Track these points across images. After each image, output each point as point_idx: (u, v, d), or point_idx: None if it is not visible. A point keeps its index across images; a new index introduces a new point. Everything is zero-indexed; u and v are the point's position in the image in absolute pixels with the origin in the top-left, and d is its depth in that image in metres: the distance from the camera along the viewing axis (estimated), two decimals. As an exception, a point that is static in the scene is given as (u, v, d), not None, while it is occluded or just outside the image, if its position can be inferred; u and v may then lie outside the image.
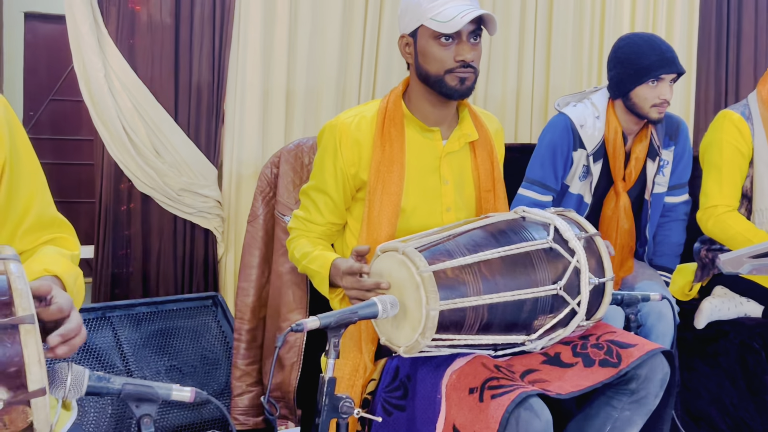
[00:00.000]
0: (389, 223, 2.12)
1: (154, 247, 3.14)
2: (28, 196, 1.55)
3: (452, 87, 2.07)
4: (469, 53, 2.05)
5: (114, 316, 2.79)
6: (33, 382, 1.14)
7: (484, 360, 1.92)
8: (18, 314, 1.15)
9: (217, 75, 3.08)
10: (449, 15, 2.02)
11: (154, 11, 2.97)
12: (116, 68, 2.90)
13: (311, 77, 3.22)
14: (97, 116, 2.91)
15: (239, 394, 2.64)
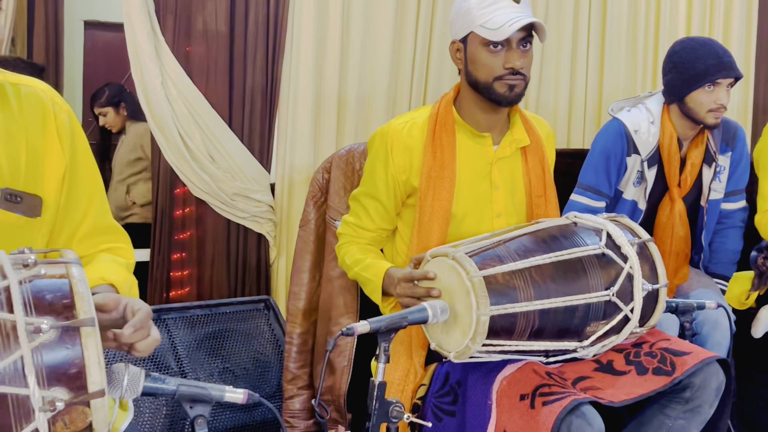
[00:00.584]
0: (440, 229, 2.12)
1: (208, 250, 3.17)
2: (86, 203, 1.59)
3: (501, 94, 2.07)
4: (518, 60, 2.04)
5: (169, 319, 2.82)
6: (93, 384, 1.16)
7: (535, 366, 1.91)
8: (79, 317, 1.17)
9: (270, 82, 3.11)
10: (498, 22, 2.01)
11: (209, 20, 3.00)
12: (172, 75, 2.94)
13: (363, 84, 3.23)
14: (154, 122, 2.96)
15: (290, 397, 2.66)
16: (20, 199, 1.47)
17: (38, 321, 1.14)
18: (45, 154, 1.52)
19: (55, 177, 1.53)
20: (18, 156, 1.48)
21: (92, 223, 1.60)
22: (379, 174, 2.17)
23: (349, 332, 1.67)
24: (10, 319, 1.14)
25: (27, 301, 1.16)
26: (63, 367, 1.15)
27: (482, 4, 2.05)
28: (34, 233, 1.51)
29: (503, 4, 2.04)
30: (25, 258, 1.22)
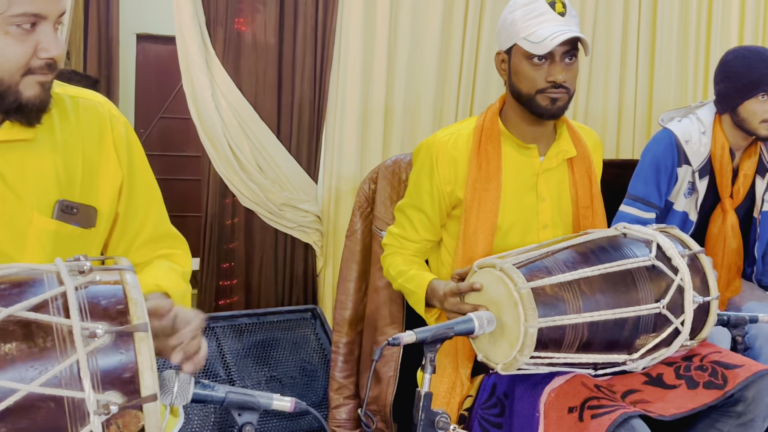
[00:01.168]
0: (485, 241, 2.11)
1: (256, 260, 3.20)
2: (145, 212, 1.62)
3: (543, 107, 2.06)
4: (561, 74, 2.02)
5: (218, 327, 2.85)
6: (145, 388, 1.18)
7: (583, 379, 1.88)
8: (133, 322, 1.19)
9: (318, 93, 3.13)
10: (541, 36, 2.00)
11: (258, 32, 3.04)
12: (222, 87, 2.98)
13: (409, 95, 3.24)
14: (204, 133, 3.00)
15: (336, 407, 2.66)
16: (76, 211, 1.50)
17: (93, 326, 1.17)
18: (101, 165, 1.55)
19: (110, 188, 1.56)
20: (75, 168, 1.51)
21: (151, 231, 1.62)
22: (423, 185, 2.17)
23: (395, 342, 1.67)
24: (66, 324, 1.17)
25: (83, 307, 1.19)
26: (117, 372, 1.17)
27: (526, 17, 2.05)
28: (89, 243, 1.54)
29: (547, 17, 2.03)
30: (80, 265, 1.24)
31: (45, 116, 1.49)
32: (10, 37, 1.36)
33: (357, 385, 2.71)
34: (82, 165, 1.52)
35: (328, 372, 2.76)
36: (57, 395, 1.15)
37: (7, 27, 1.35)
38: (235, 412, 1.37)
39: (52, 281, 1.22)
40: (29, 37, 1.37)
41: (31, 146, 1.48)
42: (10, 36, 1.35)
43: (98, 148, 1.55)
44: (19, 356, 1.14)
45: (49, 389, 1.14)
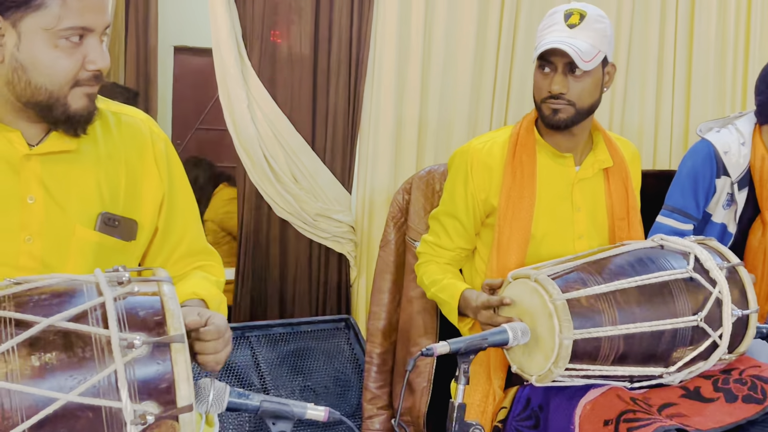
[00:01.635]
0: (519, 250, 2.10)
1: (291, 270, 3.21)
2: (183, 227, 1.64)
3: (546, 116, 2.08)
4: (558, 85, 2.02)
5: (252, 336, 2.86)
6: (181, 399, 1.19)
7: (619, 392, 1.86)
8: (170, 333, 1.20)
9: (352, 104, 3.14)
10: (539, 45, 2.04)
11: (294, 44, 3.06)
12: (258, 99, 3.00)
13: (443, 107, 3.23)
14: (240, 144, 3.01)
15: (370, 417, 2.66)
16: (118, 223, 1.52)
17: (131, 336, 1.18)
18: (143, 180, 1.57)
19: (151, 202, 1.58)
20: (118, 181, 1.54)
21: (187, 246, 1.65)
22: (458, 192, 2.17)
23: (429, 353, 1.66)
24: (105, 335, 1.18)
25: (121, 317, 1.20)
26: (154, 382, 1.18)
27: (543, 27, 2.09)
28: (129, 256, 1.57)
29: (556, 28, 2.04)
30: (119, 276, 1.26)
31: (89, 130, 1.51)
32: (59, 50, 1.39)
33: (390, 396, 2.70)
34: (125, 179, 1.55)
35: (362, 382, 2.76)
36: (95, 405, 1.16)
37: (56, 41, 1.38)
38: (269, 420, 1.37)
39: (92, 292, 1.24)
40: (77, 50, 1.40)
41: (74, 159, 1.50)
42: (59, 49, 1.39)
43: (140, 163, 1.57)
44: (59, 366, 1.16)
45: (87, 399, 1.15)
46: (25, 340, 1.16)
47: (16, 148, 1.45)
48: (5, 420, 1.13)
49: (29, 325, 1.17)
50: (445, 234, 2.20)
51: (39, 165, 1.47)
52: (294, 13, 3.04)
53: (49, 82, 1.40)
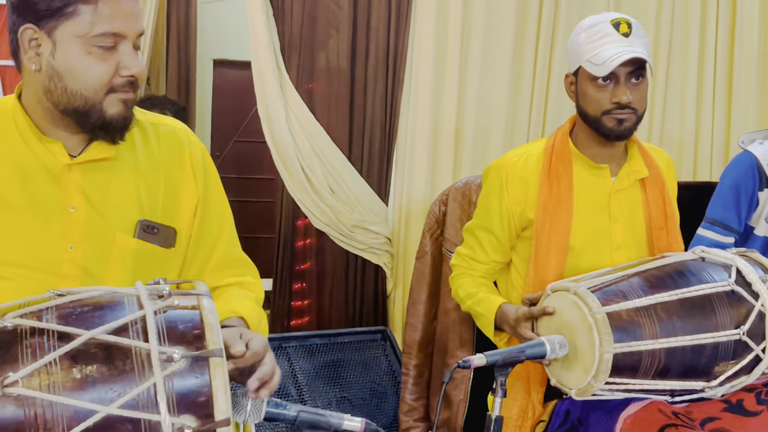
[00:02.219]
0: (557, 263, 2.07)
1: (327, 281, 3.21)
2: (217, 236, 1.64)
3: (609, 128, 2.03)
4: (625, 95, 1.99)
5: (289, 347, 2.87)
6: (219, 413, 1.18)
7: (660, 406, 1.83)
8: (209, 347, 1.20)
9: (389, 115, 3.14)
10: (603, 57, 1.98)
11: (331, 57, 3.07)
12: (296, 111, 3.02)
13: (480, 117, 3.22)
14: (278, 156, 3.03)
15: (406, 429, 2.65)
16: (157, 231, 1.53)
17: (170, 350, 1.18)
18: (181, 188, 1.58)
19: (188, 209, 1.59)
20: (156, 190, 1.55)
21: (222, 255, 1.65)
22: (493, 206, 2.15)
23: (466, 365, 1.65)
24: (145, 348, 1.18)
25: (161, 331, 1.20)
26: (192, 396, 1.18)
27: (590, 39, 2.03)
28: (168, 263, 1.57)
29: (610, 39, 2.00)
30: (160, 289, 1.26)
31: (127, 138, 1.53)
32: (92, 56, 1.41)
33: (427, 408, 2.69)
34: (164, 187, 1.56)
35: (398, 394, 2.75)
36: (134, 417, 1.16)
37: (89, 48, 1.41)
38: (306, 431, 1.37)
39: (133, 305, 1.24)
40: (111, 57, 1.42)
41: (114, 168, 1.52)
42: (92, 56, 1.41)
43: (178, 172, 1.59)
44: (100, 378, 1.16)
45: (127, 411, 1.16)
46: (67, 352, 1.16)
47: (57, 159, 1.48)
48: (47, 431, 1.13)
49: (71, 337, 1.18)
50: (479, 247, 2.19)
51: (80, 174, 1.49)
52: (332, 26, 3.06)
53: (84, 88, 1.43)
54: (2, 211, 1.45)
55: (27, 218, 1.45)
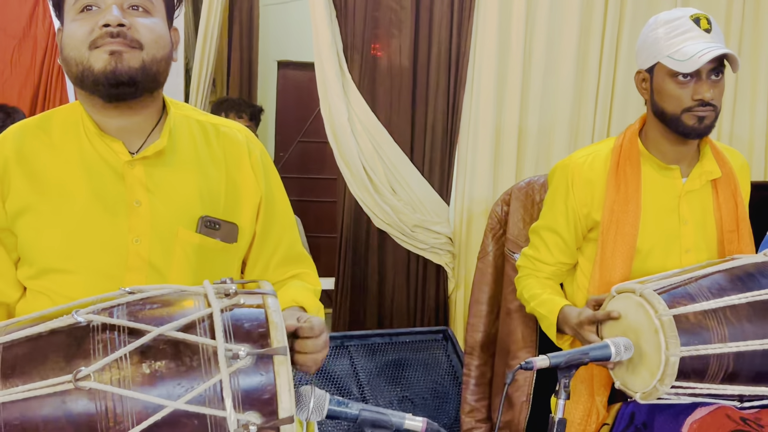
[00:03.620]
0: (624, 265, 2.04)
1: (389, 280, 3.23)
2: (279, 233, 1.67)
3: (690, 126, 1.98)
4: (708, 92, 1.94)
5: (351, 345, 2.88)
6: (283, 410, 1.20)
7: (728, 411, 1.79)
8: (273, 345, 1.21)
9: (451, 115, 3.14)
10: (688, 53, 1.93)
11: (393, 57, 3.08)
12: (358, 111, 3.03)
13: (544, 115, 3.19)
14: (340, 156, 3.05)
15: (468, 430, 2.64)
16: (218, 226, 1.57)
17: (236, 348, 1.20)
18: (242, 186, 1.62)
19: (250, 207, 1.62)
20: (218, 187, 1.58)
21: (285, 251, 1.68)
22: (559, 208, 2.13)
23: (528, 366, 1.64)
24: (211, 345, 1.20)
25: (227, 329, 1.22)
26: (257, 393, 1.19)
27: (671, 34, 1.98)
28: (230, 258, 1.61)
29: (693, 34, 1.95)
30: (226, 288, 1.28)
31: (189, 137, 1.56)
32: (77, 22, 1.47)
33: (489, 409, 2.67)
34: (225, 185, 1.59)
35: (460, 394, 2.74)
36: (201, 413, 1.18)
37: (74, 16, 1.48)
38: (368, 430, 1.37)
39: (200, 303, 1.27)
40: (91, 18, 1.47)
41: (175, 165, 1.56)
42: (76, 22, 1.48)
43: (239, 170, 1.62)
44: (168, 374, 1.19)
45: (193, 407, 1.18)
46: (137, 348, 1.19)
47: (119, 156, 1.52)
48: (117, 424, 1.16)
49: (141, 333, 1.20)
50: (545, 248, 2.17)
51: (142, 171, 1.53)
52: (394, 26, 3.06)
53: (73, 50, 1.48)
54: (71, 208, 1.50)
55: (95, 213, 1.50)
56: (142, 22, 1.48)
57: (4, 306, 1.56)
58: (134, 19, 1.48)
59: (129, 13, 1.48)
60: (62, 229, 1.49)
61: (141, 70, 1.48)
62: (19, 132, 1.57)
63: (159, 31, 1.51)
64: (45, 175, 1.52)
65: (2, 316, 1.55)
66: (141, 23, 1.48)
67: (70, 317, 1.22)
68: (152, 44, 1.49)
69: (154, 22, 1.51)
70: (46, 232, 1.50)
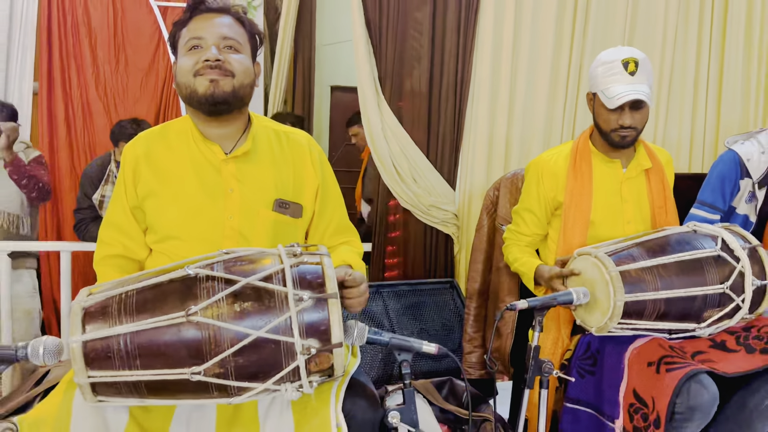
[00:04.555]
0: (581, 233, 2.03)
1: (411, 245, 3.22)
2: (332, 210, 1.67)
3: (616, 142, 1.99)
4: (628, 120, 1.93)
5: (384, 292, 2.89)
6: (335, 337, 1.21)
7: (660, 341, 1.77)
8: (328, 291, 1.22)
9: (456, 125, 3.11)
10: (612, 93, 1.92)
11: (414, 82, 3.05)
12: (389, 123, 3.01)
13: (525, 127, 3.14)
14: (376, 155, 3.04)
15: (468, 353, 2.64)
16: (288, 206, 1.57)
17: (301, 293, 1.21)
18: (305, 176, 1.62)
19: (311, 191, 1.62)
20: (288, 177, 1.59)
21: (337, 224, 1.68)
22: (533, 193, 2.12)
23: (512, 308, 1.64)
24: (283, 291, 1.22)
25: (295, 279, 1.23)
26: (316, 325, 1.21)
27: (605, 74, 1.96)
28: (297, 229, 1.61)
29: (619, 78, 1.92)
30: (294, 250, 1.29)
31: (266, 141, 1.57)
32: (187, 55, 1.48)
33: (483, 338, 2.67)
34: (293, 176, 1.59)
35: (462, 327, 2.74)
36: (276, 339, 1.19)
37: (186, 51, 1.48)
38: (396, 352, 1.38)
39: (275, 260, 1.28)
40: (197, 54, 1.47)
41: (257, 162, 1.56)
42: (187, 55, 1.48)
43: (302, 165, 1.62)
44: (253, 311, 1.20)
45: (271, 335, 1.19)
46: (231, 292, 1.21)
47: (217, 156, 1.53)
48: (217, 347, 1.18)
49: (233, 282, 1.22)
50: (524, 224, 2.16)
51: (234, 166, 1.53)
52: (415, 60, 3.04)
53: (182, 77, 1.48)
54: (184, 193, 1.51)
55: (201, 197, 1.51)
56: (234, 57, 1.48)
57: (137, 262, 1.59)
58: (228, 55, 1.48)
59: (224, 51, 1.48)
60: (177, 208, 1.51)
61: (232, 94, 1.48)
62: (146, 137, 1.58)
63: (246, 64, 1.51)
64: (164, 169, 1.53)
65: (136, 269, 1.58)
66: (233, 58, 1.48)
67: (183, 271, 1.24)
68: (241, 74, 1.49)
69: (242, 57, 1.51)
70: (166, 210, 1.51)
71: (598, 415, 1.83)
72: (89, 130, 3.95)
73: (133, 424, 1.26)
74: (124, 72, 4.00)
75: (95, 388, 1.18)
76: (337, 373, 1.25)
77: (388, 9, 2.98)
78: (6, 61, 3.55)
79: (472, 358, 2.61)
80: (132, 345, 1.17)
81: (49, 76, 3.87)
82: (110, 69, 3.99)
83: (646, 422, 1.68)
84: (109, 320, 1.18)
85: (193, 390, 1.19)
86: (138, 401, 1.21)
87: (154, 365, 1.17)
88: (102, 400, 1.20)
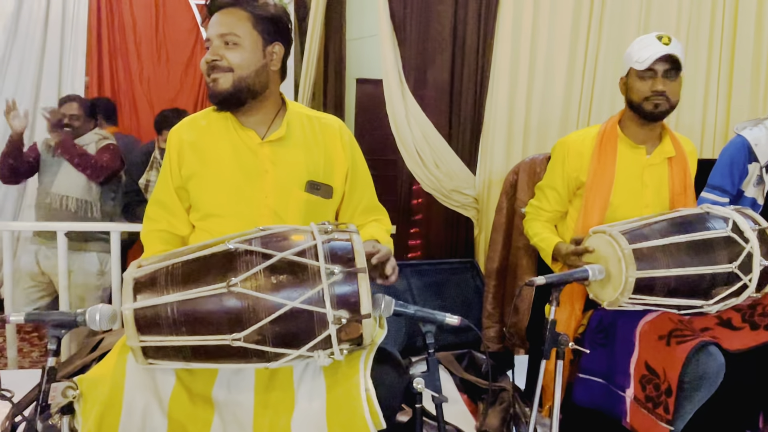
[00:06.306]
0: (600, 214, 2.01)
1: (433, 227, 3.22)
2: (362, 190, 1.68)
3: (648, 111, 1.94)
4: (660, 85, 1.90)
5: (408, 270, 2.90)
6: (364, 308, 1.22)
7: (670, 315, 1.76)
8: (357, 266, 1.23)
9: (477, 113, 3.09)
10: (644, 57, 1.89)
11: (437, 72, 3.04)
12: (412, 110, 3.01)
13: (542, 115, 3.11)
14: (400, 142, 3.04)
15: (487, 327, 2.64)
16: (319, 188, 1.58)
17: (332, 267, 1.22)
18: (335, 158, 1.62)
19: (341, 173, 1.63)
20: (319, 160, 1.59)
21: (366, 203, 1.68)
22: (557, 171, 2.10)
23: (531, 284, 1.63)
24: (316, 265, 1.23)
25: (326, 254, 1.24)
26: (346, 297, 1.22)
27: (639, 49, 1.95)
28: (328, 209, 1.62)
29: (653, 46, 1.91)
30: (326, 227, 1.30)
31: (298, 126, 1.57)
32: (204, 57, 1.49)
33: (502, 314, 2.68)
34: (324, 159, 1.60)
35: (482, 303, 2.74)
36: (309, 309, 1.21)
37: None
38: (420, 324, 1.39)
39: (308, 237, 1.29)
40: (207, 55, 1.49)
41: (290, 145, 1.57)
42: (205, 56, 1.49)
43: (333, 148, 1.62)
44: (287, 283, 1.22)
45: (305, 305, 1.21)
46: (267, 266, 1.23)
47: (252, 140, 1.55)
48: (255, 315, 1.21)
49: (270, 256, 1.24)
50: (546, 200, 2.14)
51: (269, 150, 1.55)
52: (437, 52, 3.02)
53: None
54: (224, 174, 1.54)
55: (239, 178, 1.53)
56: (230, 52, 1.48)
57: (180, 237, 1.61)
58: (224, 51, 1.48)
59: (223, 48, 1.49)
60: (218, 188, 1.53)
61: (233, 87, 1.49)
62: (189, 123, 1.60)
63: (244, 55, 1.48)
64: (206, 152, 1.56)
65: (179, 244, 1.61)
66: (229, 53, 1.48)
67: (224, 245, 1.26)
68: (239, 67, 1.48)
69: (241, 49, 1.48)
70: (207, 190, 1.54)
71: (609, 385, 1.83)
72: (134, 119, 4.02)
73: (180, 386, 1.30)
74: (165, 66, 4.05)
75: (146, 352, 1.22)
76: (365, 342, 1.26)
77: (412, 3, 2.96)
78: (59, 58, 3.65)
79: (491, 333, 2.62)
80: (178, 313, 1.20)
81: (98, 71, 3.95)
82: (152, 64, 4.04)
83: (658, 392, 1.67)
84: (158, 290, 1.21)
85: (233, 355, 1.22)
86: (183, 364, 1.25)
87: (198, 331, 1.20)
88: (152, 362, 1.23)
